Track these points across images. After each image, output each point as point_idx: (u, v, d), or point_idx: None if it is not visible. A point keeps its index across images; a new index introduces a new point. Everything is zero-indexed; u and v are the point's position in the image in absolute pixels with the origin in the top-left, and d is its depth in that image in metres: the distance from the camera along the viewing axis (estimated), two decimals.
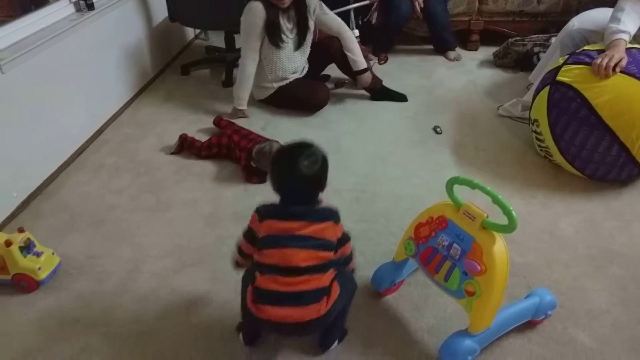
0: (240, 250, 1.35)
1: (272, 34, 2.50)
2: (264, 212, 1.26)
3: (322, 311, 1.20)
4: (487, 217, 1.21)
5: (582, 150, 1.93)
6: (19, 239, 1.57)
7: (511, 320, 1.34)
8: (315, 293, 1.20)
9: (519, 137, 2.41)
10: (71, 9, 2.42)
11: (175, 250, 1.79)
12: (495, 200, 1.17)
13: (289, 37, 2.56)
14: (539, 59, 2.94)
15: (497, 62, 3.22)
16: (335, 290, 1.23)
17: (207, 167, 2.27)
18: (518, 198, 1.97)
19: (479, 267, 1.19)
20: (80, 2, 2.42)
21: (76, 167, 2.30)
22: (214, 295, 1.59)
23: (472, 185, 1.23)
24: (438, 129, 2.49)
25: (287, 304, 1.19)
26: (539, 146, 2.15)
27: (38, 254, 1.61)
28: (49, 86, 2.17)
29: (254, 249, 1.28)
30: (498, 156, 2.28)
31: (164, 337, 1.45)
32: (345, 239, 1.29)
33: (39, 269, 1.58)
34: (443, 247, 1.29)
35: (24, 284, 1.59)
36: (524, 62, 3.08)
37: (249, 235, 1.30)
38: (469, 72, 3.18)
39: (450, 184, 1.29)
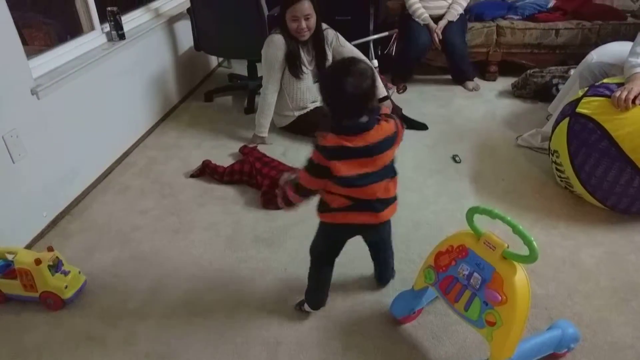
0: (302, 189, 1.38)
1: (293, 65, 2.58)
2: (333, 153, 1.28)
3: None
4: (508, 247, 1.21)
5: (603, 182, 1.92)
6: (48, 257, 1.62)
7: (533, 352, 1.33)
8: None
9: (538, 167, 2.42)
10: (103, 38, 2.53)
11: (197, 273, 1.82)
12: (516, 231, 1.17)
13: (308, 68, 2.64)
14: (557, 91, 2.97)
15: (516, 92, 3.25)
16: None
17: (229, 192, 2.31)
18: (538, 228, 1.97)
19: (500, 297, 1.19)
20: (112, 32, 2.54)
21: (103, 189, 2.37)
22: (237, 317, 1.61)
23: (492, 215, 1.24)
24: (457, 158, 2.52)
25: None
26: (559, 177, 2.15)
27: (65, 273, 1.66)
28: (80, 111, 2.27)
29: (324, 181, 1.33)
30: (518, 186, 2.28)
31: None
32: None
33: (66, 287, 1.63)
34: (463, 276, 1.29)
35: (51, 302, 1.63)
36: (543, 93, 3.10)
37: (318, 171, 1.32)
38: (487, 102, 3.22)
39: (471, 213, 1.30)
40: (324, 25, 2.61)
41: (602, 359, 1.41)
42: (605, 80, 2.05)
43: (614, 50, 2.44)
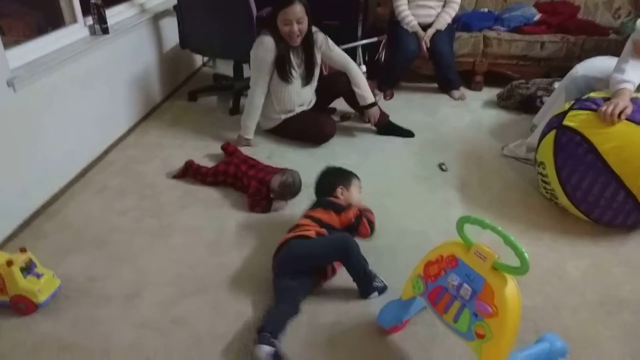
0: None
1: (282, 69, 2.53)
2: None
3: None
4: (499, 258, 1.19)
5: (588, 194, 1.94)
6: (20, 259, 1.54)
7: None
8: None
9: (523, 178, 2.43)
10: (86, 32, 2.45)
11: (177, 278, 1.75)
12: (507, 242, 1.15)
13: (297, 71, 2.60)
14: (541, 102, 3.01)
15: (501, 103, 3.28)
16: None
17: (212, 194, 2.25)
18: (524, 239, 1.97)
19: (490, 309, 1.16)
20: (95, 26, 2.46)
21: (80, 188, 2.28)
22: (217, 326, 1.55)
23: (484, 225, 1.21)
24: (443, 167, 2.51)
25: None
26: (545, 188, 2.16)
27: (39, 276, 1.58)
28: (59, 106, 2.18)
29: None
30: (503, 196, 2.28)
31: None
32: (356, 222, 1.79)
33: (39, 291, 1.55)
34: (453, 287, 1.27)
35: (22, 306, 1.55)
36: (527, 105, 3.13)
37: None
38: (473, 112, 3.23)
39: (461, 222, 1.27)
40: (314, 29, 2.58)
41: None
42: (591, 95, 2.07)
43: (598, 65, 2.47)
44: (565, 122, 1.99)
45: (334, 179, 1.93)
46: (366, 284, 1.65)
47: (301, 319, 1.56)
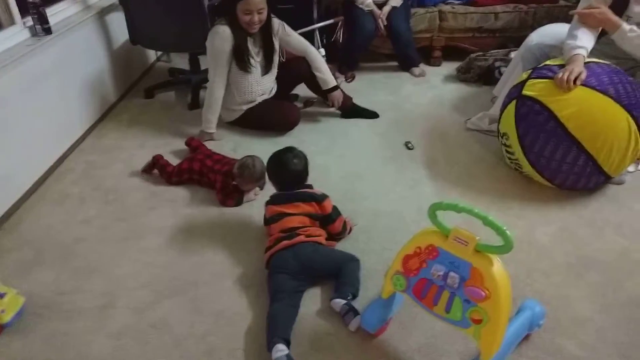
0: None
1: (240, 59, 2.47)
2: (269, 200, 1.80)
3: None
4: (480, 239, 1.18)
5: (551, 161, 1.98)
6: None
7: (514, 338, 1.32)
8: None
9: (488, 150, 2.47)
10: (26, 33, 2.31)
11: (151, 281, 1.71)
12: (487, 222, 1.13)
13: (256, 60, 2.54)
14: (500, 73, 3.05)
15: (461, 77, 3.32)
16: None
17: (179, 193, 2.19)
18: (494, 210, 2.01)
19: (483, 293, 1.15)
20: (37, 26, 2.32)
21: (38, 199, 2.18)
22: (197, 326, 1.52)
23: (458, 209, 1.17)
24: (410, 145, 2.52)
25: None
26: (509, 158, 2.20)
27: (1, 295, 1.49)
28: (5, 114, 2.06)
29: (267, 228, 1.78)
30: (470, 170, 2.32)
31: None
32: (335, 214, 1.79)
33: (3, 311, 1.47)
34: (438, 277, 1.23)
35: None
36: (487, 77, 3.18)
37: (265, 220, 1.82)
38: (434, 88, 3.25)
39: (433, 210, 1.23)
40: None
41: (565, 334, 1.45)
42: (547, 62, 2.11)
43: (552, 32, 2.51)
44: (525, 92, 2.02)
45: (302, 169, 1.80)
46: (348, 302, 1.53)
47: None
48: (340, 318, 1.50)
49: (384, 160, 2.42)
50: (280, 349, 1.35)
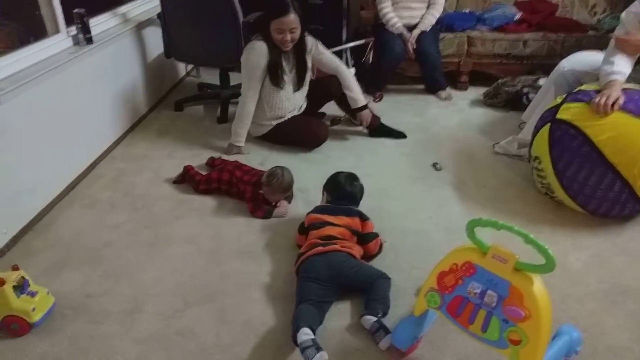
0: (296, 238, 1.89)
1: (274, 75, 2.51)
2: (313, 210, 1.88)
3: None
4: (519, 258, 1.15)
5: (585, 186, 1.95)
6: (12, 277, 1.47)
7: None
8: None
9: (517, 173, 2.44)
10: (69, 42, 2.39)
11: (178, 288, 1.70)
12: (528, 240, 1.11)
13: (289, 76, 2.58)
14: (528, 100, 3.04)
15: (488, 101, 3.31)
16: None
17: (207, 203, 2.21)
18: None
19: (523, 313, 1.12)
20: (79, 35, 2.40)
21: (69, 202, 2.21)
22: (223, 336, 1.50)
23: (498, 227, 1.16)
24: (437, 166, 2.51)
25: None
26: (541, 183, 2.17)
27: (32, 294, 1.51)
28: (44, 119, 2.11)
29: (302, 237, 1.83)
30: (499, 193, 2.29)
31: None
32: (374, 235, 1.82)
33: (33, 310, 1.48)
34: (475, 295, 1.20)
35: (15, 327, 1.48)
36: (514, 102, 3.17)
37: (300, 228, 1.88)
38: (461, 111, 3.25)
39: (471, 226, 1.21)
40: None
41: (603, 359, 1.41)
42: (582, 87, 2.10)
43: (583, 59, 2.51)
44: (559, 116, 2.01)
45: (359, 191, 1.95)
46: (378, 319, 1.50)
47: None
48: (370, 335, 1.48)
49: (412, 180, 2.41)
50: (306, 332, 1.34)
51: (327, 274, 1.58)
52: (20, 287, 1.49)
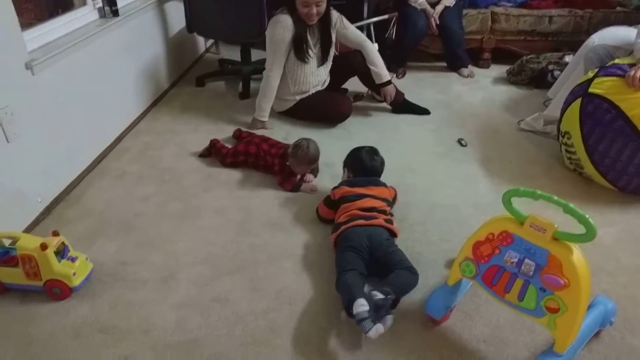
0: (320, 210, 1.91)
1: (299, 49, 2.49)
2: (341, 183, 1.90)
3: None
4: (558, 227, 1.15)
5: (616, 162, 1.93)
6: (54, 242, 1.50)
7: (588, 331, 1.29)
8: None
9: (543, 150, 2.43)
10: (95, 14, 2.39)
11: (209, 258, 1.73)
12: (568, 210, 1.12)
13: (313, 51, 2.56)
14: (553, 77, 3.00)
15: (511, 79, 3.27)
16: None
17: (234, 176, 2.22)
18: (553, 209, 1.96)
19: (562, 282, 1.13)
20: (105, 8, 2.39)
21: (98, 174, 2.24)
22: (258, 303, 1.53)
23: (536, 196, 1.17)
24: (463, 142, 2.50)
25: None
26: (569, 158, 2.15)
27: (73, 259, 1.54)
28: (75, 90, 2.13)
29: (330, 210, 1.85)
30: (526, 169, 2.28)
31: (209, 345, 1.39)
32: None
33: (74, 274, 1.51)
34: (512, 264, 1.21)
35: (57, 291, 1.51)
36: (539, 80, 3.13)
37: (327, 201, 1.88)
38: (484, 88, 3.22)
39: (508, 196, 1.21)
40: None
41: (636, 333, 1.41)
42: (616, 61, 2.07)
43: (614, 34, 2.47)
44: (591, 90, 1.98)
45: (380, 164, 1.96)
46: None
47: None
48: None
49: (437, 156, 2.40)
50: (362, 303, 1.34)
51: (366, 247, 1.59)
52: (61, 253, 1.53)
